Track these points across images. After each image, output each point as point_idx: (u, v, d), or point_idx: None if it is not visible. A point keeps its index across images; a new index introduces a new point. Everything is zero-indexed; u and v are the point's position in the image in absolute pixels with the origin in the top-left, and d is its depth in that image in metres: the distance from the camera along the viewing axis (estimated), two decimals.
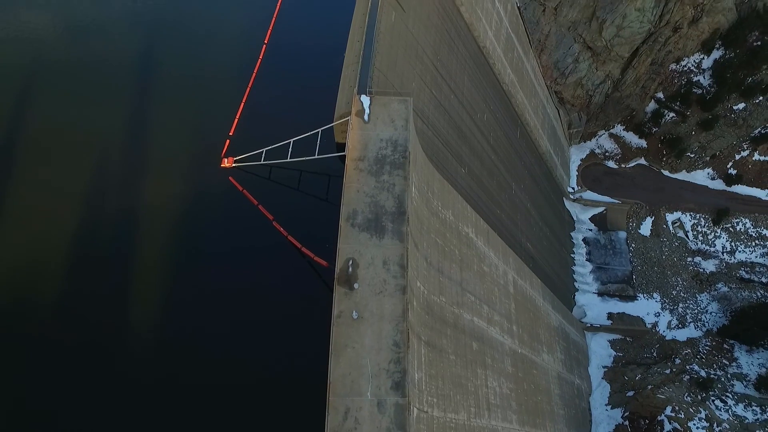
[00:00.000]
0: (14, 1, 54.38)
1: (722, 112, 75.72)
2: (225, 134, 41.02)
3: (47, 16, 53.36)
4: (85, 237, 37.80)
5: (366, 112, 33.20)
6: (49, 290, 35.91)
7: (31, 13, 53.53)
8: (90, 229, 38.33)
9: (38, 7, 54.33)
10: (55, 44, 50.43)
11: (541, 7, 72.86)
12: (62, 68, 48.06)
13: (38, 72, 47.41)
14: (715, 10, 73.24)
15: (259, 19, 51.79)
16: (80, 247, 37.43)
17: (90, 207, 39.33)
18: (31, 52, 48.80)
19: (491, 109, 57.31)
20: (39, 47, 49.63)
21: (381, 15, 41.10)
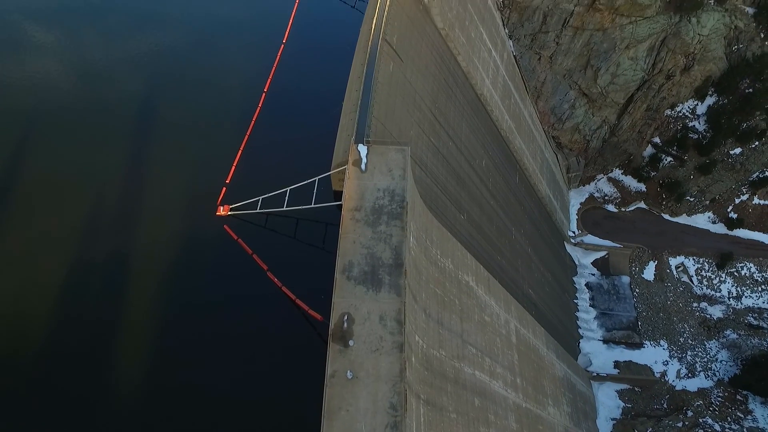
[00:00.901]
0: (23, 46, 55.94)
1: (719, 156, 76.21)
2: (221, 182, 40.67)
3: (53, 63, 54.68)
4: (76, 282, 36.91)
5: (363, 162, 32.91)
6: (37, 336, 34.68)
7: (38, 60, 54.90)
8: (81, 275, 37.46)
9: (45, 53, 55.76)
10: (59, 89, 51.38)
11: (536, 56, 74.66)
12: (64, 113, 48.64)
13: (40, 116, 47.98)
14: (706, 58, 75.05)
15: (259, 68, 52.72)
16: (71, 292, 36.48)
17: (82, 253, 38.58)
18: (35, 97, 49.71)
19: (490, 155, 57.47)
20: (42, 92, 50.56)
21: (379, 65, 41.73)
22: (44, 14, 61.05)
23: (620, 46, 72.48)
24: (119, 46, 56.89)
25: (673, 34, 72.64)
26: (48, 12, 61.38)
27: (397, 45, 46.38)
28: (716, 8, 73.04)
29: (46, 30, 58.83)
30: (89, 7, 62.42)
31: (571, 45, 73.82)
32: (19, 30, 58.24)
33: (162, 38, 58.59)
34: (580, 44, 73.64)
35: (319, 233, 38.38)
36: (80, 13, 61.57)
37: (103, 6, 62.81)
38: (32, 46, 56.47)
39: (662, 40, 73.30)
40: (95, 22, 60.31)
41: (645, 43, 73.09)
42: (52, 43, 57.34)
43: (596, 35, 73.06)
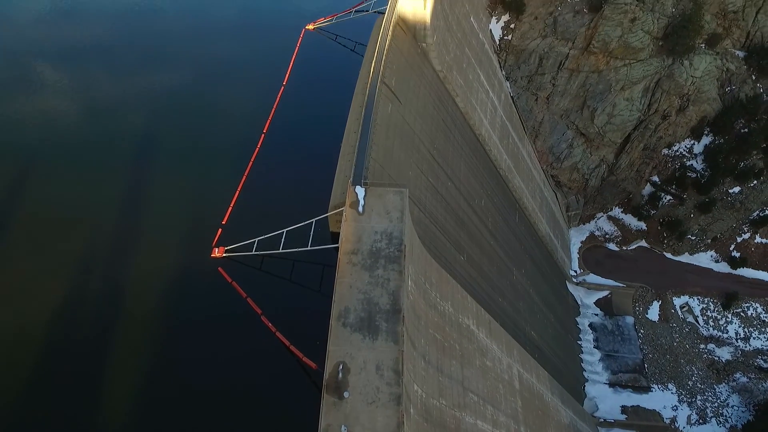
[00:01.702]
0: (34, 84, 57.21)
1: (718, 195, 76.11)
2: (217, 223, 40.25)
3: (61, 99, 55.76)
4: (67, 321, 36.14)
5: (360, 203, 32.53)
6: (26, 382, 33.44)
7: (46, 96, 56.03)
8: (72, 314, 36.69)
9: (54, 90, 56.90)
10: (64, 124, 52.32)
11: (533, 97, 75.86)
12: (67, 148, 49.47)
13: (44, 151, 48.69)
14: (700, 99, 76.19)
15: (259, 109, 53.39)
16: (61, 331, 35.66)
17: (74, 291, 38.00)
18: (41, 132, 50.49)
19: (489, 194, 57.32)
20: (49, 127, 51.29)
21: (377, 107, 42.09)
22: (55, 53, 62.69)
23: (615, 87, 73.74)
24: (124, 84, 58.04)
25: (667, 76, 74.03)
26: (59, 50, 63.06)
27: (396, 87, 47.03)
28: (707, 52, 74.76)
29: (56, 68, 60.32)
30: (98, 45, 64.07)
31: (567, 86, 75.12)
32: (30, 68, 59.71)
33: (165, 78, 59.77)
34: (576, 85, 74.95)
35: (316, 276, 37.58)
36: (90, 51, 63.15)
37: (111, 44, 64.43)
38: (42, 83, 57.88)
39: (656, 81, 74.65)
40: (103, 60, 61.74)
41: (640, 85, 74.39)
42: (61, 81, 58.64)
43: (591, 77, 74.47)
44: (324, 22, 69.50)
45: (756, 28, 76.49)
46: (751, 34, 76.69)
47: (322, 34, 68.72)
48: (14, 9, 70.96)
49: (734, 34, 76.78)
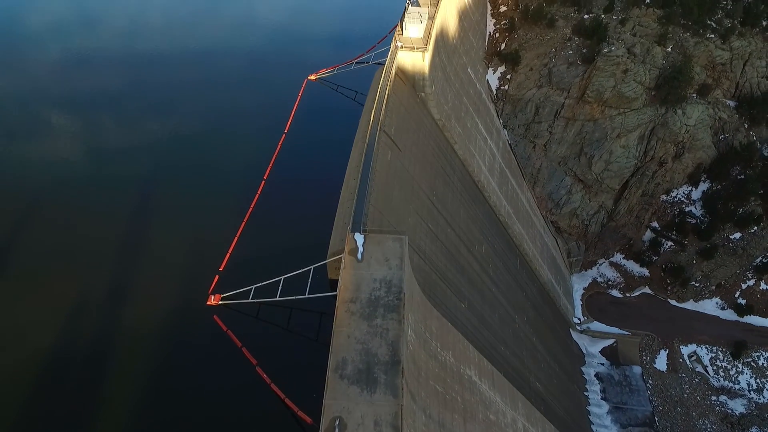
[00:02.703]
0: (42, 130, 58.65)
1: (720, 241, 75.75)
2: (214, 269, 39.77)
3: (66, 144, 57.01)
4: (59, 368, 35.14)
5: (359, 251, 32.21)
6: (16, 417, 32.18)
7: (53, 141, 57.30)
8: (64, 361, 35.74)
9: (60, 135, 58.28)
10: (69, 168, 53.25)
11: (531, 144, 77.15)
12: (70, 191, 50.10)
13: (47, 194, 49.24)
14: (695, 147, 77.41)
15: (260, 156, 54.10)
16: (54, 376, 34.64)
17: (65, 337, 37.25)
18: (45, 176, 51.36)
19: (489, 241, 57.02)
20: (53, 171, 52.11)
21: (377, 154, 42.57)
22: (65, 100, 64.60)
23: (611, 135, 75.12)
24: (129, 130, 59.46)
25: (661, 125, 75.57)
26: (68, 98, 65.01)
27: (395, 135, 47.81)
28: (699, 101, 76.70)
29: (64, 114, 62.10)
30: (106, 93, 66.03)
31: (564, 134, 76.56)
32: (40, 114, 61.46)
33: (170, 125, 61.15)
34: (573, 133, 76.39)
35: (313, 325, 36.70)
36: (98, 98, 65.04)
37: (119, 92, 66.37)
38: (50, 129, 59.42)
39: (651, 129, 76.13)
40: (110, 107, 63.48)
41: (635, 133, 75.81)
42: (69, 126, 60.17)
43: (587, 125, 76.03)
44: (326, 72, 71.74)
45: (744, 79, 78.87)
46: (740, 84, 79.00)
47: (323, 84, 70.78)
48: (28, 59, 73.67)
49: (724, 85, 79.07)
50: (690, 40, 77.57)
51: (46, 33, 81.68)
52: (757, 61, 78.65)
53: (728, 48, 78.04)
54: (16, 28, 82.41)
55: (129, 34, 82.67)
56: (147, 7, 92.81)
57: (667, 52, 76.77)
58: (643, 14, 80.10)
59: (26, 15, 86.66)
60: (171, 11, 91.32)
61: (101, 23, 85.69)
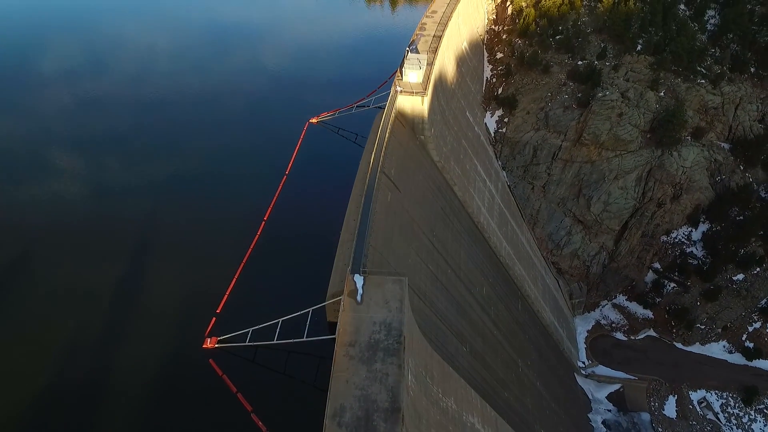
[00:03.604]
0: (46, 170, 59.53)
1: (723, 282, 75.01)
2: (212, 311, 39.17)
3: (70, 184, 57.69)
4: (52, 410, 34.04)
5: (359, 292, 31.86)
6: None
7: (57, 181, 58.06)
8: (57, 402, 34.72)
9: (64, 176, 59.09)
10: (70, 209, 53.98)
11: (529, 186, 77.82)
12: (71, 231, 50.60)
13: (49, 233, 49.66)
14: (693, 188, 78.01)
15: (261, 196, 54.42)
16: (48, 419, 33.81)
17: (60, 379, 36.48)
18: (47, 216, 51.96)
19: (490, 282, 56.47)
20: (55, 211, 52.66)
21: (377, 195, 42.84)
22: (72, 141, 65.83)
23: (609, 176, 75.88)
24: (133, 171, 60.14)
25: (658, 166, 76.48)
26: (75, 139, 66.29)
27: (395, 176, 48.29)
28: (694, 143, 77.98)
29: (70, 154, 63.07)
30: (112, 134, 67.31)
31: (562, 176, 77.36)
32: (46, 154, 62.49)
33: (172, 166, 61.92)
34: (571, 175, 77.20)
35: (311, 369, 35.76)
36: (104, 139, 66.25)
37: (125, 134, 67.65)
38: (55, 169, 60.21)
39: (648, 171, 76.99)
40: (115, 148, 64.54)
41: (632, 174, 76.61)
42: (74, 167, 61.03)
43: (585, 167, 76.95)
44: (327, 116, 73.29)
45: (737, 123, 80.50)
46: (733, 127, 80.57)
47: (324, 127, 72.18)
48: (39, 100, 75.64)
49: (717, 128, 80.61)
50: (681, 85, 79.76)
51: (58, 76, 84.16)
52: (748, 105, 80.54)
53: (719, 93, 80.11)
54: (28, 71, 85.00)
55: (137, 77, 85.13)
56: (156, 52, 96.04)
57: (660, 96, 78.79)
58: (635, 61, 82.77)
59: (39, 59, 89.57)
60: (179, 56, 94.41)
61: (111, 67, 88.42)
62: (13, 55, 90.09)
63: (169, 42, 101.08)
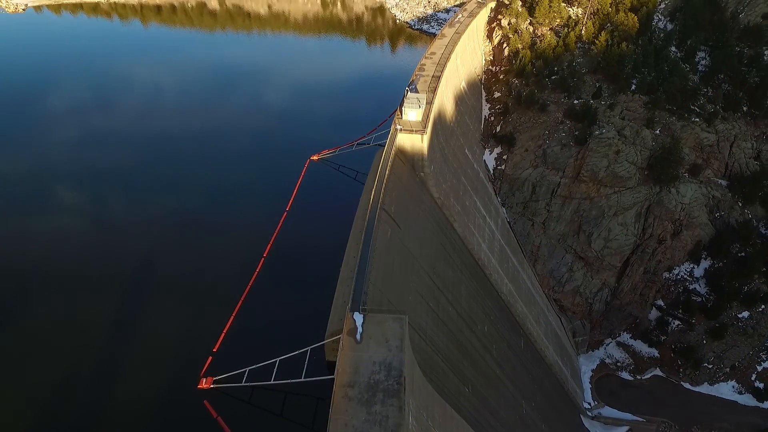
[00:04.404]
0: (50, 205, 59.90)
1: (728, 320, 73.89)
2: (208, 350, 38.44)
3: (72, 219, 57.93)
4: None
5: (358, 331, 31.31)
6: None
7: (59, 216, 58.35)
8: None
9: (67, 211, 59.42)
10: (72, 243, 53.78)
11: (529, 222, 77.90)
12: (71, 266, 50.61)
13: (49, 267, 49.47)
14: (693, 224, 78.01)
15: (261, 233, 54.45)
16: None
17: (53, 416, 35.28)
18: (47, 250, 51.65)
19: (492, 320, 55.63)
20: (56, 246, 52.65)
21: (377, 231, 42.79)
22: (76, 176, 66.58)
23: (608, 213, 76.05)
24: (134, 206, 60.63)
25: (657, 203, 76.77)
26: (80, 174, 67.08)
27: (395, 213, 48.40)
28: (692, 180, 78.58)
29: (74, 190, 63.71)
30: (116, 169, 68.15)
31: (561, 212, 77.57)
32: (50, 189, 63.17)
33: (174, 201, 62.40)
34: (570, 211, 77.41)
35: (308, 411, 34.70)
36: (107, 174, 67.01)
37: (129, 169, 68.47)
38: (58, 204, 60.71)
39: (647, 207, 77.21)
40: (118, 183, 65.20)
41: (632, 211, 76.80)
42: (77, 202, 61.51)
43: (584, 203, 77.26)
44: (328, 153, 74.29)
45: (733, 160, 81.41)
46: (729, 165, 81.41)
47: (325, 164, 73.04)
48: (46, 137, 77.06)
49: (713, 165, 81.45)
50: (676, 123, 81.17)
51: (66, 114, 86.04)
52: (743, 143, 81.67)
53: (714, 131, 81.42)
54: (37, 109, 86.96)
55: (142, 116, 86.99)
56: (161, 91, 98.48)
57: (656, 134, 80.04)
58: (630, 100, 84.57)
59: (48, 98, 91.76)
60: (184, 95, 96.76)
61: (117, 105, 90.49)
62: (24, 95, 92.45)
63: (174, 82, 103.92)
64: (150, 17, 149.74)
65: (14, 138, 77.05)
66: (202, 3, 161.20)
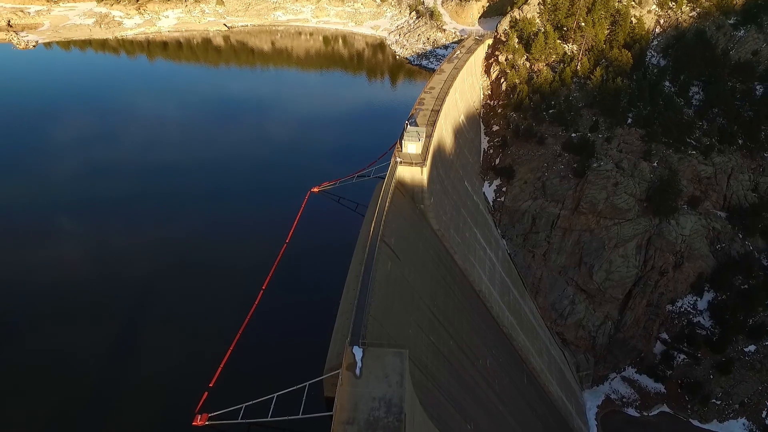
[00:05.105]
0: (51, 233, 59.98)
1: (735, 354, 72.54)
2: (204, 385, 37.58)
3: (72, 249, 57.95)
4: None
5: (358, 365, 30.73)
6: None
7: (59, 245, 58.35)
8: None
9: (67, 240, 59.46)
10: (71, 273, 53.80)
11: (530, 254, 77.60)
12: (70, 296, 50.41)
13: (46, 299, 49.11)
14: (694, 256, 77.69)
15: (260, 266, 54.19)
16: None
17: None
18: (47, 277, 51.47)
19: (494, 354, 54.67)
20: (55, 275, 52.44)
21: (377, 263, 42.60)
22: (77, 205, 66.92)
23: (609, 244, 75.86)
24: (135, 237, 60.57)
25: (657, 234, 76.70)
26: (81, 204, 67.43)
27: (395, 245, 48.32)
28: (691, 212, 78.77)
29: (75, 219, 63.91)
30: (118, 200, 68.53)
31: (562, 244, 77.39)
32: (51, 218, 63.32)
33: (174, 232, 62.43)
34: (571, 243, 77.23)
35: None
36: (109, 205, 67.34)
37: (131, 200, 68.84)
38: (59, 232, 60.70)
39: (648, 239, 77.08)
40: (119, 214, 65.41)
41: (632, 242, 76.63)
42: (78, 230, 61.57)
43: (584, 235, 77.17)
44: (328, 185, 74.80)
45: (731, 192, 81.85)
46: (728, 197, 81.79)
47: (326, 196, 73.45)
48: (50, 168, 77.90)
49: (712, 197, 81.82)
50: (673, 156, 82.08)
51: (70, 145, 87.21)
52: (740, 175, 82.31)
53: (711, 163, 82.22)
54: (43, 139, 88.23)
55: (145, 147, 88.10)
56: (164, 123, 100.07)
57: (654, 166, 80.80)
58: (627, 133, 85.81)
59: (54, 129, 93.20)
60: (186, 127, 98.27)
61: (121, 137, 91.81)
62: (31, 126, 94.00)
63: (179, 114, 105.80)
64: (156, 53, 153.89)
65: (20, 167, 77.98)
66: (208, 39, 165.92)
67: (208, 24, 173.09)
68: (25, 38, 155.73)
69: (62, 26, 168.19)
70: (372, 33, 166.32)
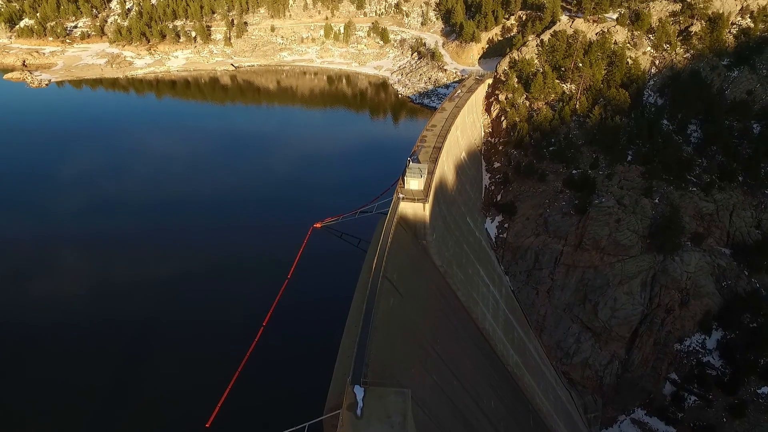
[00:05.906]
0: (53, 267, 59.84)
1: (748, 396, 70.31)
2: (201, 426, 36.54)
3: (73, 282, 57.68)
4: None
5: (359, 405, 29.88)
6: None
7: (60, 279, 58.09)
8: None
9: (68, 274, 59.29)
10: (73, 307, 53.17)
11: (534, 291, 76.76)
12: (71, 331, 50.09)
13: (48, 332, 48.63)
14: (700, 293, 76.65)
15: (261, 302, 53.72)
16: None
17: None
18: (48, 314, 51.00)
19: (498, 394, 53.19)
20: (57, 309, 51.86)
21: (379, 300, 42.13)
22: (80, 240, 67.01)
23: (613, 281, 75.06)
24: (137, 271, 60.38)
25: (662, 271, 75.97)
26: (84, 238, 67.57)
27: (398, 281, 47.92)
28: (694, 249, 78.27)
29: (77, 253, 63.75)
30: (121, 234, 68.68)
31: (566, 281, 76.65)
32: (54, 253, 63.33)
33: (175, 267, 62.20)
34: (575, 280, 76.48)
35: None
36: (112, 239, 67.40)
37: (133, 234, 68.97)
38: (61, 268, 60.54)
39: (652, 276, 76.29)
40: (123, 248, 65.34)
41: (637, 279, 75.83)
42: (78, 267, 61.41)
43: (588, 272, 76.50)
44: (331, 221, 75.05)
45: (734, 228, 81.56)
46: (731, 233, 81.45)
47: (328, 231, 73.56)
48: (55, 204, 78.58)
49: (715, 234, 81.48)
50: (674, 192, 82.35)
51: (75, 182, 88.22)
52: (743, 212, 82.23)
53: (712, 200, 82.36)
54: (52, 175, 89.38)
55: (150, 183, 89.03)
56: (170, 160, 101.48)
57: (655, 203, 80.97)
58: (627, 170, 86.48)
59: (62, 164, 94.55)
60: (192, 163, 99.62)
61: (127, 173, 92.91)
62: (39, 161, 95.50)
63: (184, 151, 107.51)
64: (165, 91, 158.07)
65: (26, 202, 78.70)
66: (215, 78, 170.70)
67: (216, 64, 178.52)
68: (38, 77, 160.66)
69: (75, 66, 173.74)
70: (375, 72, 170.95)
